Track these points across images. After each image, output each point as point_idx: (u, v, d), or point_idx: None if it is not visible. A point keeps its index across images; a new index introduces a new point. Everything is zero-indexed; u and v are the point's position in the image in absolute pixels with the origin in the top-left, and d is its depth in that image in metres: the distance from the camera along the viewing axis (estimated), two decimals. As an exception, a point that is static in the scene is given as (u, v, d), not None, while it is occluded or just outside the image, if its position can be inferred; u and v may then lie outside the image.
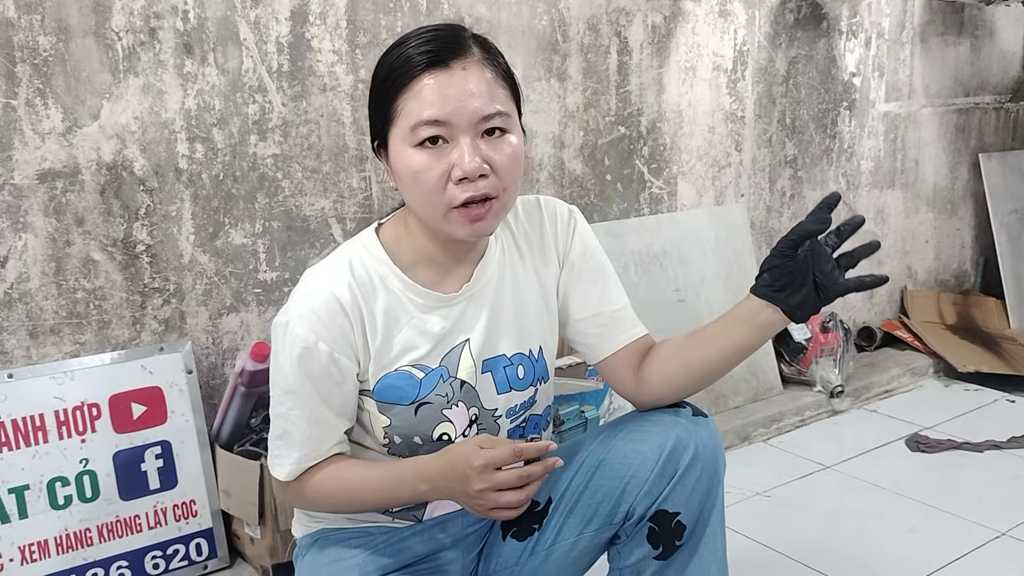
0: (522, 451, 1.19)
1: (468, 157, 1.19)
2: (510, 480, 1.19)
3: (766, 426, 2.77)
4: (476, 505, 1.22)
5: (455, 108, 1.19)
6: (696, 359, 1.35)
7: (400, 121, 1.21)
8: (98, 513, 1.88)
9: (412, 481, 1.27)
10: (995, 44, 3.64)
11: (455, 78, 1.20)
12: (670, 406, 1.38)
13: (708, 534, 1.33)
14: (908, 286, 3.57)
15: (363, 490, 1.30)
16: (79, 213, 1.87)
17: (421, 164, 1.20)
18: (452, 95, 1.19)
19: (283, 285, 2.13)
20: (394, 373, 1.30)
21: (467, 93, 1.19)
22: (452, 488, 1.23)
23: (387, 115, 1.23)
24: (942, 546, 2.10)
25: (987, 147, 3.70)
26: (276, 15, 2.03)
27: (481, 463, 1.18)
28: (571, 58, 2.52)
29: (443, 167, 1.20)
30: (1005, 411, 2.96)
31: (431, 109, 1.19)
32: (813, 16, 3.03)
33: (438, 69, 1.20)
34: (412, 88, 1.20)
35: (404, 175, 1.23)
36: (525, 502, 1.21)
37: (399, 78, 1.21)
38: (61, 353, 1.89)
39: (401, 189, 1.26)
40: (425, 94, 1.19)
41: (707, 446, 1.31)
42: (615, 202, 2.68)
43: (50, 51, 1.80)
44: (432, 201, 1.22)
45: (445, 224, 1.24)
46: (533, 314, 1.39)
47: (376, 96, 1.26)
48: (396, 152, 1.23)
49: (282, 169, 2.09)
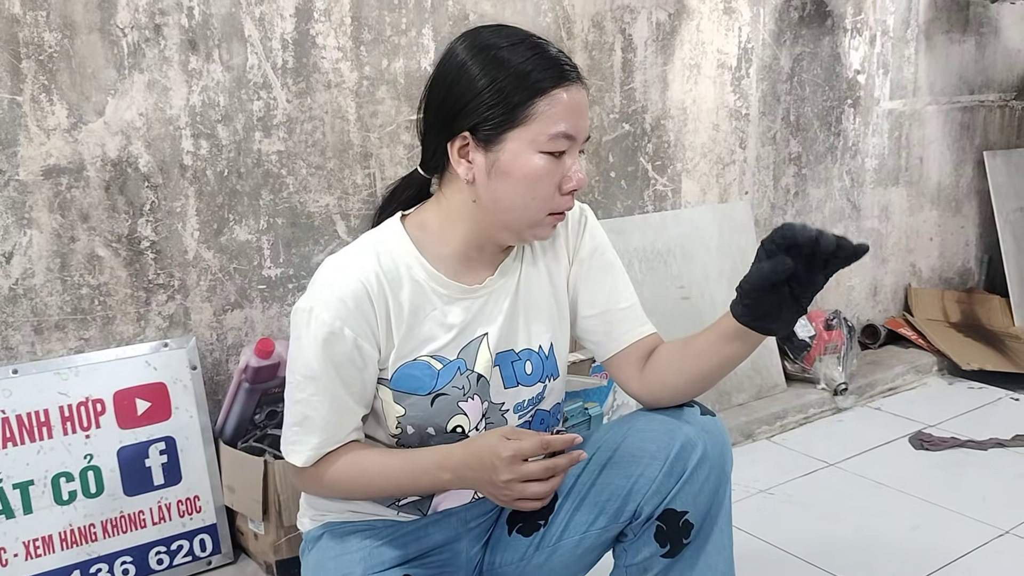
0: (549, 443, 1.20)
1: (583, 173, 1.28)
2: (537, 471, 1.20)
3: (770, 423, 2.77)
4: (501, 495, 1.23)
5: (582, 126, 1.27)
6: (692, 368, 1.36)
7: (534, 125, 1.23)
8: (102, 508, 1.88)
9: (435, 470, 1.28)
10: (1000, 42, 3.63)
11: (582, 97, 1.27)
12: (678, 405, 1.38)
13: (716, 533, 1.33)
14: (912, 284, 3.56)
15: (381, 478, 1.31)
16: (84, 209, 1.88)
17: (545, 170, 1.25)
18: (582, 112, 1.27)
19: (287, 281, 2.13)
20: (412, 363, 1.30)
21: (585, 113, 1.28)
22: (477, 478, 1.24)
23: (514, 115, 1.23)
24: (946, 544, 2.09)
25: (992, 145, 3.69)
26: (281, 11, 2.03)
27: (509, 454, 1.19)
28: (575, 55, 2.51)
29: (559, 176, 1.26)
30: (1009, 409, 2.96)
31: (570, 121, 1.24)
32: (818, 13, 3.02)
33: (573, 84, 1.26)
34: (554, 95, 1.24)
35: (520, 177, 1.25)
36: (550, 493, 1.23)
37: (537, 81, 1.23)
38: (66, 349, 1.89)
39: (498, 187, 1.26)
40: (566, 106, 1.24)
41: (715, 445, 1.32)
42: (619, 199, 2.68)
43: (55, 47, 1.80)
44: (540, 205, 1.27)
45: (532, 227, 1.29)
46: (544, 311, 1.40)
47: (492, 91, 1.23)
48: (518, 153, 1.24)
49: (286, 166, 2.09)
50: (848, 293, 3.35)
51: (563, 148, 1.25)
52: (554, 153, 1.24)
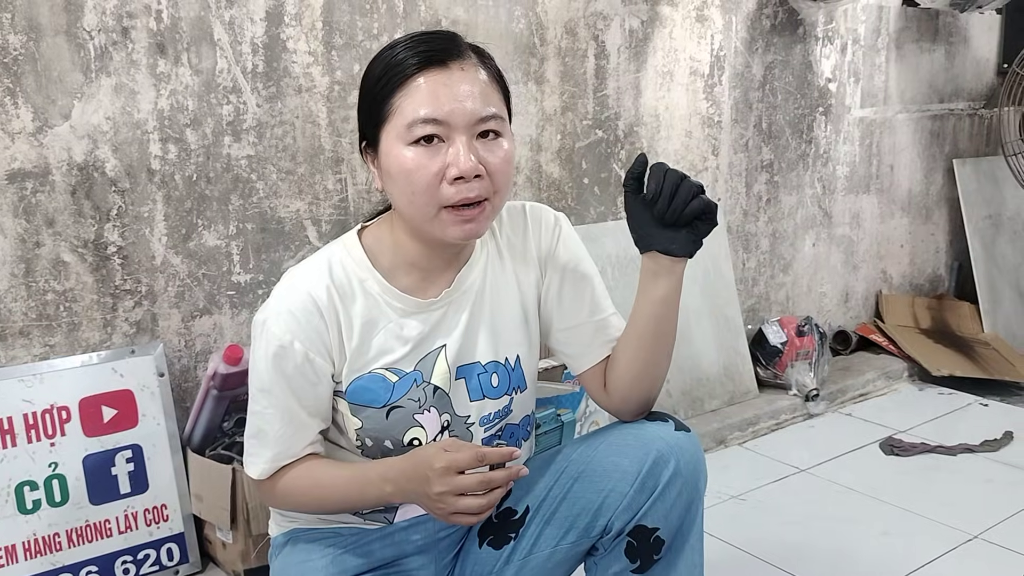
0: (485, 456, 1.17)
1: (464, 157, 1.18)
2: (471, 484, 1.17)
3: (742, 429, 2.78)
4: (436, 508, 1.20)
5: (453, 108, 1.18)
6: (635, 334, 1.34)
7: (395, 119, 1.20)
8: (67, 518, 1.85)
9: (378, 482, 1.26)
10: (969, 51, 3.68)
11: (453, 78, 1.20)
12: (653, 418, 1.37)
13: (687, 550, 1.33)
14: (883, 290, 3.59)
15: (332, 490, 1.30)
16: (49, 214, 1.85)
17: (415, 162, 1.19)
18: (450, 94, 1.19)
19: (257, 287, 2.11)
20: (367, 375, 1.29)
21: (464, 93, 1.20)
22: (414, 490, 1.22)
23: (380, 113, 1.22)
24: (916, 549, 2.11)
25: (961, 153, 3.73)
26: (251, 16, 2.02)
27: (442, 465, 1.17)
28: (548, 61, 2.51)
29: (437, 166, 1.19)
30: (978, 415, 2.98)
31: (428, 107, 1.18)
32: (789, 22, 3.04)
33: (436, 68, 1.20)
34: (409, 86, 1.19)
35: (396, 173, 1.21)
36: (487, 508, 1.19)
37: (395, 76, 1.20)
38: (30, 355, 1.86)
39: (390, 189, 1.25)
40: (423, 92, 1.19)
41: (688, 462, 1.30)
42: (592, 205, 2.68)
43: (20, 50, 1.78)
44: (424, 200, 1.20)
45: (434, 224, 1.23)
46: (511, 322, 1.38)
47: (368, 95, 1.25)
48: (388, 150, 1.22)
49: (256, 170, 2.07)
50: (820, 299, 3.37)
51: (432, 133, 1.18)
52: (422, 141, 1.19)
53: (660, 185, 1.24)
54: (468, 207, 1.21)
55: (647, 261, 1.31)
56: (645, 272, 1.32)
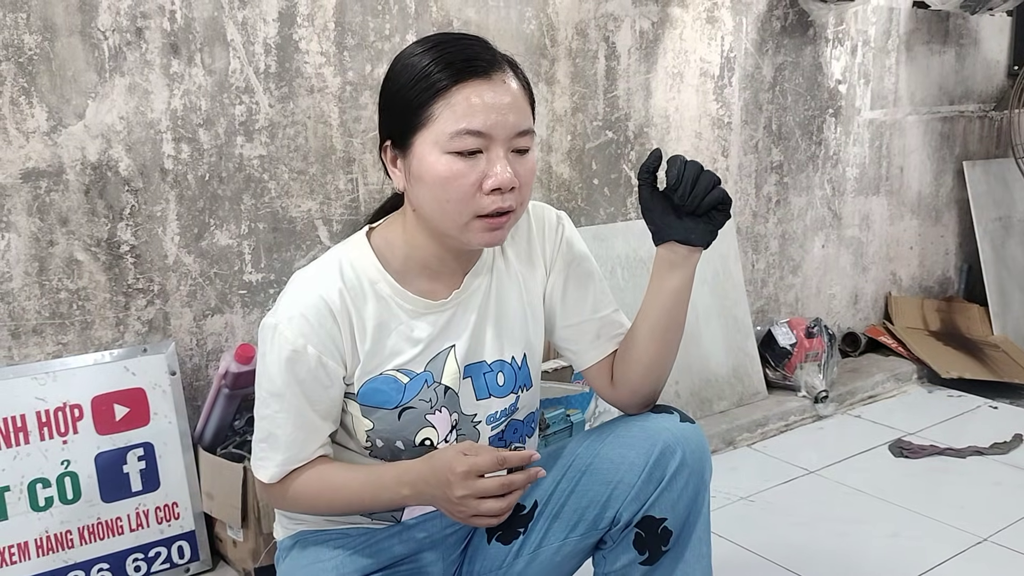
0: (505, 459, 1.18)
1: (503, 169, 1.19)
2: (492, 488, 1.18)
3: (751, 431, 2.78)
4: (457, 512, 1.21)
5: (497, 121, 1.19)
6: (647, 327, 1.35)
7: (434, 126, 1.19)
8: (79, 515, 1.87)
9: (394, 486, 1.27)
10: (979, 53, 3.67)
11: (497, 91, 1.20)
12: (658, 410, 1.38)
13: (694, 540, 1.34)
14: (892, 292, 3.58)
15: (345, 493, 1.30)
16: (63, 213, 1.86)
17: (453, 170, 1.19)
18: (494, 107, 1.19)
19: (268, 287, 2.12)
20: (379, 377, 1.30)
21: (507, 107, 1.20)
22: (433, 494, 1.23)
23: (416, 119, 1.21)
24: (925, 551, 2.10)
25: (971, 155, 3.72)
26: (264, 16, 2.03)
27: (464, 469, 1.18)
28: (559, 62, 2.52)
29: (476, 176, 1.20)
30: (988, 417, 2.98)
31: (475, 120, 1.18)
32: (800, 24, 3.04)
33: (479, 79, 1.20)
34: (452, 94, 1.19)
35: (430, 180, 1.21)
36: (506, 511, 1.20)
37: (436, 82, 1.19)
38: (43, 354, 1.88)
39: (417, 192, 1.24)
40: (468, 103, 1.18)
41: (694, 452, 1.31)
42: (602, 206, 2.68)
43: (35, 50, 1.79)
44: (459, 208, 1.21)
45: (463, 231, 1.23)
46: (517, 321, 1.39)
47: (399, 99, 1.23)
48: (423, 156, 1.21)
49: (268, 170, 2.08)
50: (829, 301, 3.37)
51: (473, 146, 1.19)
52: (463, 152, 1.19)
53: (681, 173, 1.24)
54: (497, 217, 1.23)
55: (663, 251, 1.32)
56: (660, 263, 1.33)
